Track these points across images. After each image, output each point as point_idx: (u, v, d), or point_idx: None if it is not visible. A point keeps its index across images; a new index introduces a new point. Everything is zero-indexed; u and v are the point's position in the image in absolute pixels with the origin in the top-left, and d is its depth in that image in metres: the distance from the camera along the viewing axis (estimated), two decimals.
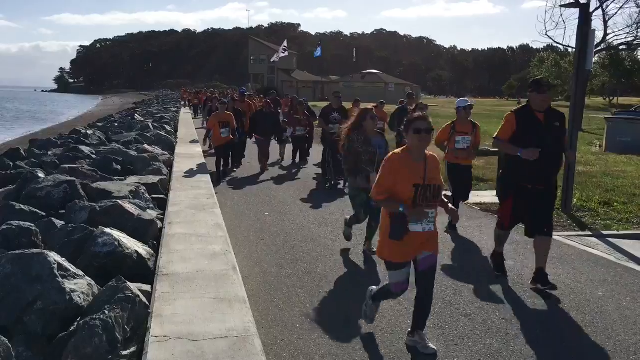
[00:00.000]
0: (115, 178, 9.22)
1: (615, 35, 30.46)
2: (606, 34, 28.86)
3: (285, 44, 56.70)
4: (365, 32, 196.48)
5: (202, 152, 14.34)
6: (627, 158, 15.03)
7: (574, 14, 30.36)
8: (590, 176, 11.44)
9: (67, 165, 9.51)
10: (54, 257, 4.35)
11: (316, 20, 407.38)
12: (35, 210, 6.63)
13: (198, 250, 5.69)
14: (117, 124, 23.37)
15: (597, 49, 27.19)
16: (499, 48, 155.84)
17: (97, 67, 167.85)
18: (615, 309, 4.85)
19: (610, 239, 7.18)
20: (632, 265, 6.17)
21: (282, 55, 54.59)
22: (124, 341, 3.74)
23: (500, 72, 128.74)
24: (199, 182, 9.77)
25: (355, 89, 60.43)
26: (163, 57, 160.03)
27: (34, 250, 4.45)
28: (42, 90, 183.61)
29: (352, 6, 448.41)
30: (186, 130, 21.08)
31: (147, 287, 4.69)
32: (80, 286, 4.28)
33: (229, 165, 12.13)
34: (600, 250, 6.70)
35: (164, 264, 5.22)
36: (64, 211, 6.80)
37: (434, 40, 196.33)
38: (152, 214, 7.00)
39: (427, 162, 3.84)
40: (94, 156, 11.37)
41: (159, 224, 6.69)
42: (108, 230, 5.35)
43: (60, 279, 4.14)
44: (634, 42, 30.00)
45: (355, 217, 6.32)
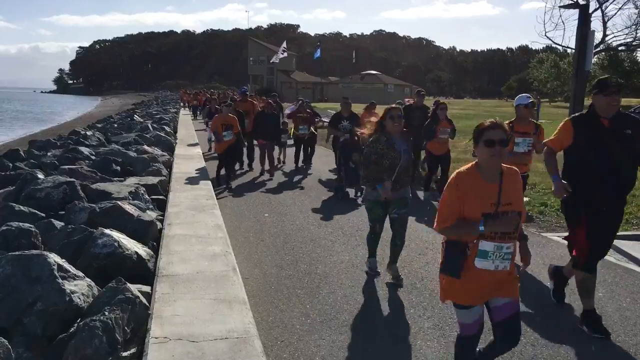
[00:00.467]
0: (115, 179, 9.22)
1: (614, 36, 30.51)
2: (605, 35, 28.87)
3: (284, 44, 56.68)
4: (365, 33, 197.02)
5: (201, 153, 14.34)
6: None
7: (573, 15, 30.38)
8: None
9: (67, 166, 9.50)
10: (54, 258, 4.35)
11: (315, 21, 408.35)
12: (34, 211, 6.62)
13: (198, 251, 5.68)
14: (116, 125, 23.34)
15: (596, 49, 27.20)
16: (498, 49, 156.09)
17: (96, 68, 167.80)
18: (615, 310, 4.85)
19: None
20: (631, 266, 6.17)
21: (281, 56, 54.58)
22: (124, 342, 3.74)
23: (500, 73, 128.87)
24: (199, 183, 9.77)
25: (354, 90, 60.46)
26: (162, 58, 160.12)
27: (34, 252, 4.44)
28: (41, 91, 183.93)
29: (351, 7, 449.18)
30: (186, 132, 21.08)
31: (147, 288, 4.68)
32: (80, 287, 4.27)
33: (232, 171, 11.29)
34: None
35: (163, 265, 5.22)
36: (64, 212, 6.79)
37: (433, 41, 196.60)
38: (151, 214, 6.99)
39: (502, 182, 3.02)
40: (94, 157, 11.36)
41: (159, 224, 6.69)
42: (108, 231, 5.34)
43: (60, 280, 4.14)
44: (633, 43, 30.02)
45: (371, 231, 5.66)
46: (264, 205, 9.15)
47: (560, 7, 17.69)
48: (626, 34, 29.22)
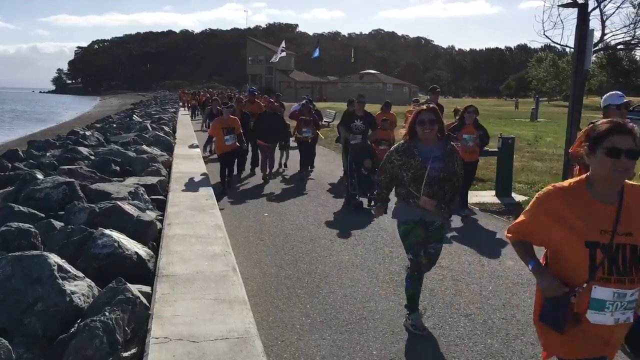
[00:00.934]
0: (114, 179, 9.21)
1: (613, 35, 30.47)
2: (604, 34, 28.87)
3: (283, 44, 56.70)
4: (363, 32, 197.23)
5: (200, 153, 14.32)
6: None
7: (571, 13, 30.49)
8: None
9: (66, 167, 9.49)
10: (54, 258, 4.35)
11: (314, 20, 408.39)
12: (34, 211, 6.61)
13: (198, 251, 5.68)
14: (115, 125, 23.32)
15: (595, 48, 27.23)
16: (497, 48, 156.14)
17: (94, 68, 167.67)
18: None
19: None
20: None
21: (280, 55, 54.60)
22: (124, 343, 3.74)
23: (498, 72, 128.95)
24: (198, 183, 9.77)
25: (353, 89, 60.49)
26: (161, 57, 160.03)
27: (34, 252, 4.44)
28: (40, 92, 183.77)
29: (349, 6, 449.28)
30: (184, 131, 21.07)
31: (147, 289, 4.68)
32: (81, 288, 4.27)
33: (233, 175, 10.84)
34: None
35: (163, 265, 5.22)
36: (63, 212, 6.79)
37: (431, 41, 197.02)
38: (151, 215, 6.99)
39: (622, 204, 2.26)
40: (93, 157, 11.35)
41: (159, 225, 6.68)
42: (107, 231, 5.34)
43: (60, 281, 4.14)
44: (632, 42, 30.03)
45: (413, 265, 4.34)
46: (264, 205, 9.15)
47: (559, 6, 17.72)
48: (625, 33, 29.22)
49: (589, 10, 13.83)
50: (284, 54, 56.41)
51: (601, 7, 27.22)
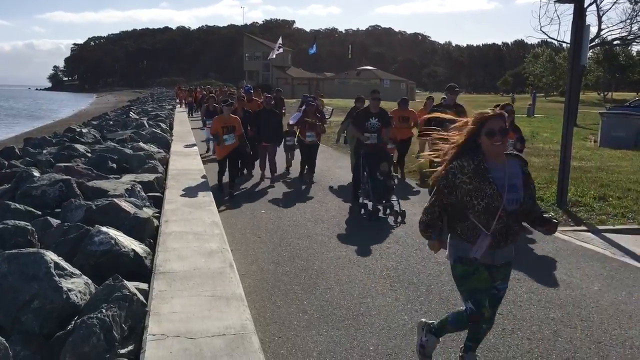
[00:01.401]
0: (111, 176, 9.21)
1: (609, 31, 30.58)
2: (600, 29, 28.93)
3: (280, 40, 56.57)
4: (360, 29, 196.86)
5: (197, 150, 14.30)
6: (622, 153, 15.12)
7: (568, 9, 30.46)
8: (585, 171, 11.49)
9: (62, 164, 9.48)
10: (50, 256, 4.35)
11: (310, 16, 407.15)
12: (30, 209, 6.61)
13: (195, 248, 5.69)
14: (111, 122, 23.29)
15: (592, 44, 27.25)
16: (494, 44, 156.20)
17: (91, 65, 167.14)
18: (610, 304, 4.88)
19: (606, 234, 7.21)
20: (627, 259, 6.20)
21: (277, 52, 54.50)
22: (121, 340, 3.74)
23: (495, 67, 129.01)
24: (195, 180, 9.75)
25: (350, 85, 60.44)
26: (157, 54, 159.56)
27: (30, 250, 4.44)
28: (36, 89, 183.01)
29: (346, 2, 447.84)
30: (181, 128, 21.02)
31: (144, 286, 4.69)
32: (77, 285, 4.27)
33: (236, 176, 9.99)
34: (596, 245, 6.73)
35: (160, 262, 5.22)
36: (60, 210, 6.79)
37: (428, 36, 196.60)
38: (148, 212, 6.99)
39: None
40: (89, 154, 11.34)
41: (155, 222, 6.68)
42: (104, 228, 5.34)
43: (57, 278, 4.13)
44: (628, 37, 30.07)
45: (472, 317, 3.30)
46: (261, 202, 9.15)
47: (556, 1, 17.70)
48: (621, 28, 29.27)
49: (585, 6, 13.89)
50: (281, 50, 56.27)
51: (597, 2, 27.27)
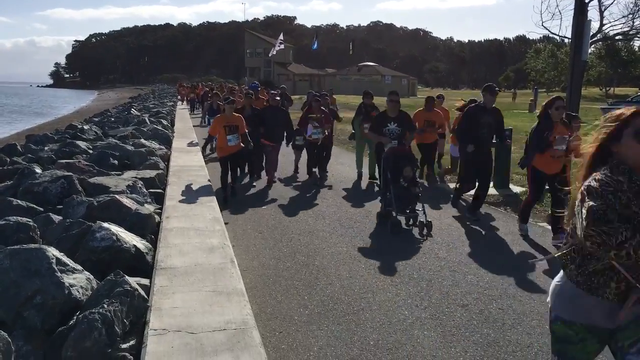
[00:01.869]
0: (112, 173, 9.22)
1: (611, 26, 30.36)
2: (602, 25, 28.78)
3: (281, 37, 56.54)
4: (361, 25, 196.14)
5: (199, 147, 14.30)
6: None
7: (569, 4, 30.38)
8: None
9: (64, 161, 9.50)
10: (52, 251, 4.36)
11: (312, 12, 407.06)
12: (32, 205, 6.63)
13: (196, 244, 5.71)
14: (113, 119, 23.26)
15: (593, 39, 27.17)
16: (495, 39, 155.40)
17: (92, 61, 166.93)
18: None
19: None
20: None
21: (279, 48, 54.46)
22: (123, 335, 3.76)
23: (497, 63, 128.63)
24: (196, 176, 9.77)
25: (351, 81, 60.34)
26: (159, 51, 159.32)
27: (32, 245, 4.46)
28: (38, 86, 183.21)
29: None
30: (183, 125, 21.02)
31: (145, 281, 4.70)
32: (79, 280, 4.29)
33: (237, 176, 9.57)
34: None
35: (162, 257, 5.24)
36: (62, 206, 6.80)
37: (430, 32, 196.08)
38: (149, 208, 7.01)
39: None
40: (91, 151, 11.35)
41: (157, 218, 6.70)
42: (106, 224, 5.35)
43: (59, 274, 4.15)
44: (630, 32, 29.95)
45: None
46: (262, 197, 9.16)
47: None
48: (623, 23, 29.14)
49: (586, 1, 13.86)
50: (282, 46, 56.28)
51: None
